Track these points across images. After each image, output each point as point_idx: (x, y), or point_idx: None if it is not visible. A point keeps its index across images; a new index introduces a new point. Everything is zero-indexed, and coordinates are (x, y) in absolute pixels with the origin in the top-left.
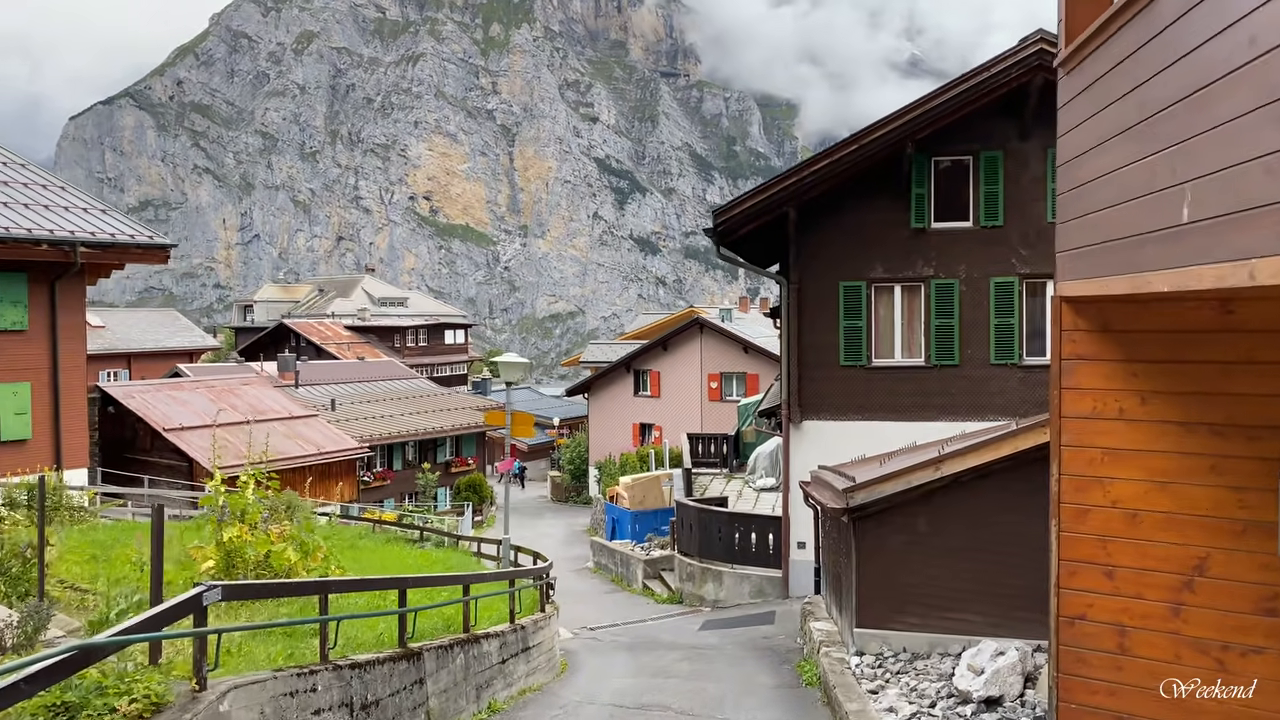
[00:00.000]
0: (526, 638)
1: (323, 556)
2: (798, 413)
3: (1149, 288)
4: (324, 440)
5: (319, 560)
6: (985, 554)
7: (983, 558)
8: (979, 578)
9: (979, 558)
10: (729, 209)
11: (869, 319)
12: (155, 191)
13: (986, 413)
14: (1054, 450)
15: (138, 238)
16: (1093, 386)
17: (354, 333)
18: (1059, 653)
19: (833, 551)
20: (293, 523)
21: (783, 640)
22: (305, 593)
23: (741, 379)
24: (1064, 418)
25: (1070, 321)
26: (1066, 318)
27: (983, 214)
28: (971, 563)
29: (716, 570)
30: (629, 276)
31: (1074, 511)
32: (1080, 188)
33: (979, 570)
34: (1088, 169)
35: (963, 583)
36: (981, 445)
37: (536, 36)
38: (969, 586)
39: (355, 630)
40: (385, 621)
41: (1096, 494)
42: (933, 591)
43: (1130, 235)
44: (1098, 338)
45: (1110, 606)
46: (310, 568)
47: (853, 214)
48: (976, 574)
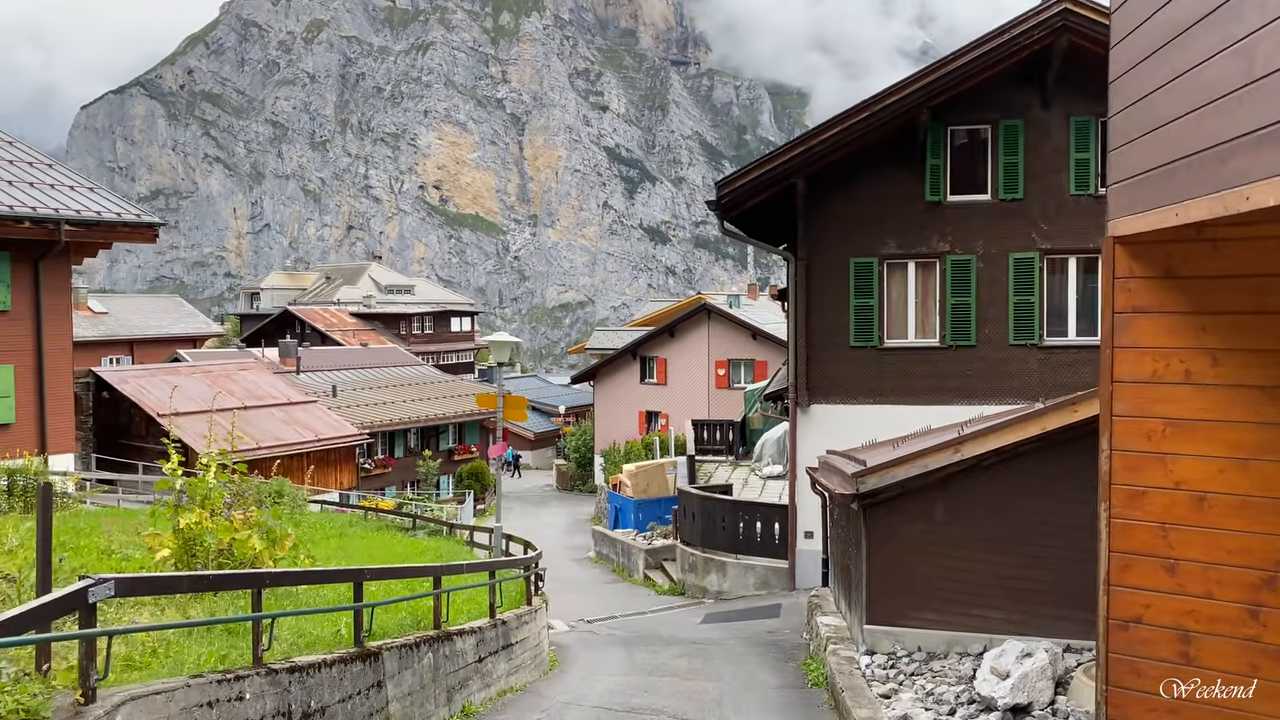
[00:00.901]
0: (508, 633)
1: (291, 545)
2: (805, 396)
3: (1243, 205)
4: (323, 426)
5: (287, 549)
6: (1008, 545)
7: (1006, 549)
8: (1001, 571)
9: (1001, 549)
10: (734, 180)
11: (881, 297)
12: (166, 180)
13: (1004, 396)
14: (1104, 421)
15: (125, 215)
16: (1153, 345)
17: (359, 320)
18: (1109, 661)
19: (841, 542)
20: (261, 509)
21: (788, 635)
22: (233, 586)
23: (750, 366)
24: (1117, 383)
25: (1125, 266)
26: (1121, 262)
27: (1001, 186)
28: (993, 554)
29: (720, 561)
30: (639, 266)
31: (1128, 494)
32: (1142, 100)
33: (1001, 562)
34: (1153, 75)
35: (983, 576)
36: (1005, 425)
37: (546, 25)
38: (990, 580)
39: (315, 627)
40: (349, 618)
41: (1156, 473)
42: (950, 585)
43: (1213, 145)
44: (1159, 286)
45: (1172, 607)
46: (278, 557)
47: (865, 186)
48: (999, 567)
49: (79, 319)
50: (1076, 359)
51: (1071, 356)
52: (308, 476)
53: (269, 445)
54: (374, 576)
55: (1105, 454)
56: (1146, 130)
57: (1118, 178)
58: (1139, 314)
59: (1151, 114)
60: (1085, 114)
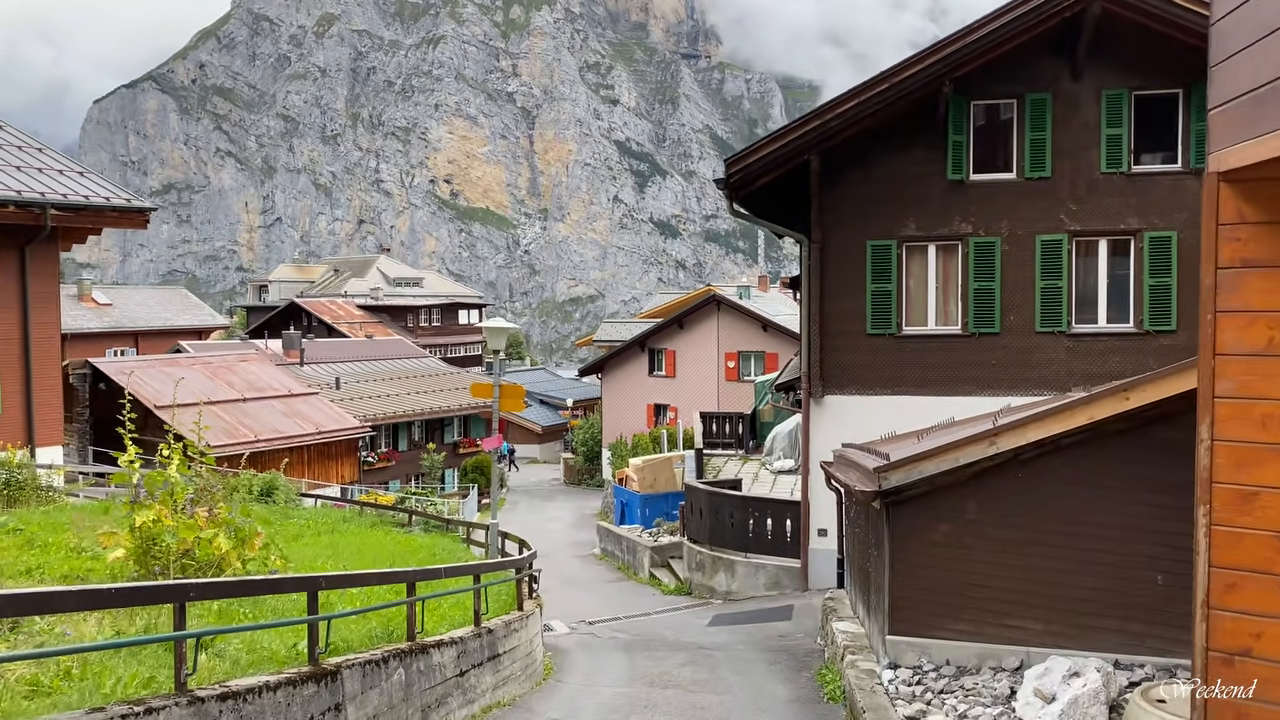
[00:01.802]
0: (495, 643)
1: (261, 545)
2: (819, 386)
3: None
4: (324, 419)
5: (256, 550)
6: (1050, 547)
7: (1045, 552)
8: (1041, 576)
9: (1041, 552)
10: (744, 156)
11: (899, 282)
12: (178, 175)
13: (1030, 386)
14: (1203, 405)
15: (114, 200)
16: (1268, 307)
17: (366, 312)
18: (1208, 707)
19: (860, 541)
20: (229, 505)
21: (801, 639)
22: (142, 601)
23: (760, 358)
24: (1221, 356)
25: (1233, 209)
26: (1227, 204)
27: (1028, 164)
28: (1031, 558)
29: (728, 559)
30: (649, 260)
31: (1235, 495)
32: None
33: (1040, 567)
34: None
35: (1020, 582)
36: (1047, 415)
37: (557, 18)
38: (1027, 587)
39: (275, 641)
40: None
41: (1272, 469)
42: (983, 592)
43: None
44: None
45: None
46: (247, 558)
47: (882, 164)
48: (1037, 572)
49: (83, 310)
50: (1107, 348)
51: (1102, 345)
52: (307, 470)
53: (268, 438)
54: (332, 585)
55: (1205, 445)
56: (1265, 32)
57: (1223, 98)
58: (1251, 269)
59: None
60: (1117, 87)
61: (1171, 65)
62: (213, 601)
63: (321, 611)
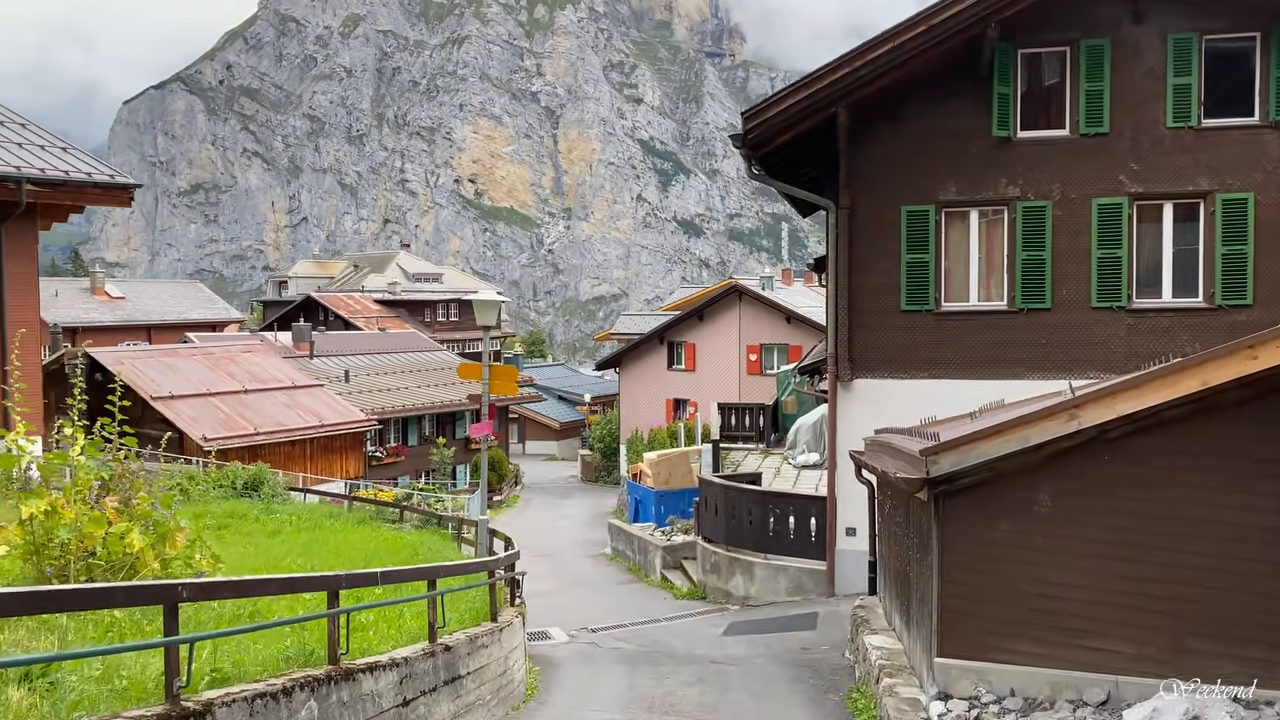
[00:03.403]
0: (454, 662)
1: (185, 543)
2: (847, 369)
3: None
4: (328, 411)
5: (178, 548)
6: (1145, 549)
7: (1139, 556)
8: (1134, 586)
9: (1134, 555)
10: (764, 109)
11: (938, 252)
12: (206, 175)
13: (1085, 368)
14: None
15: (95, 176)
16: None
17: (384, 307)
18: None
19: (897, 541)
20: (148, 495)
21: (826, 652)
22: None
23: (783, 351)
24: None
25: None
26: None
27: (1083, 119)
28: (1122, 562)
29: (746, 561)
30: (672, 259)
31: None
32: None
33: (1134, 574)
34: None
35: (1107, 593)
36: (1144, 380)
37: (581, 18)
38: (1117, 599)
39: (148, 665)
40: (232, 645)
41: None
42: (1057, 605)
43: None
44: None
45: None
46: (167, 558)
47: (918, 119)
48: (1130, 580)
49: (96, 304)
50: (1172, 325)
51: (1166, 321)
52: (309, 464)
53: (268, 430)
54: (197, 596)
55: None
56: None
57: None
58: None
59: None
60: (1185, 31)
61: (1246, 6)
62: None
63: (208, 628)
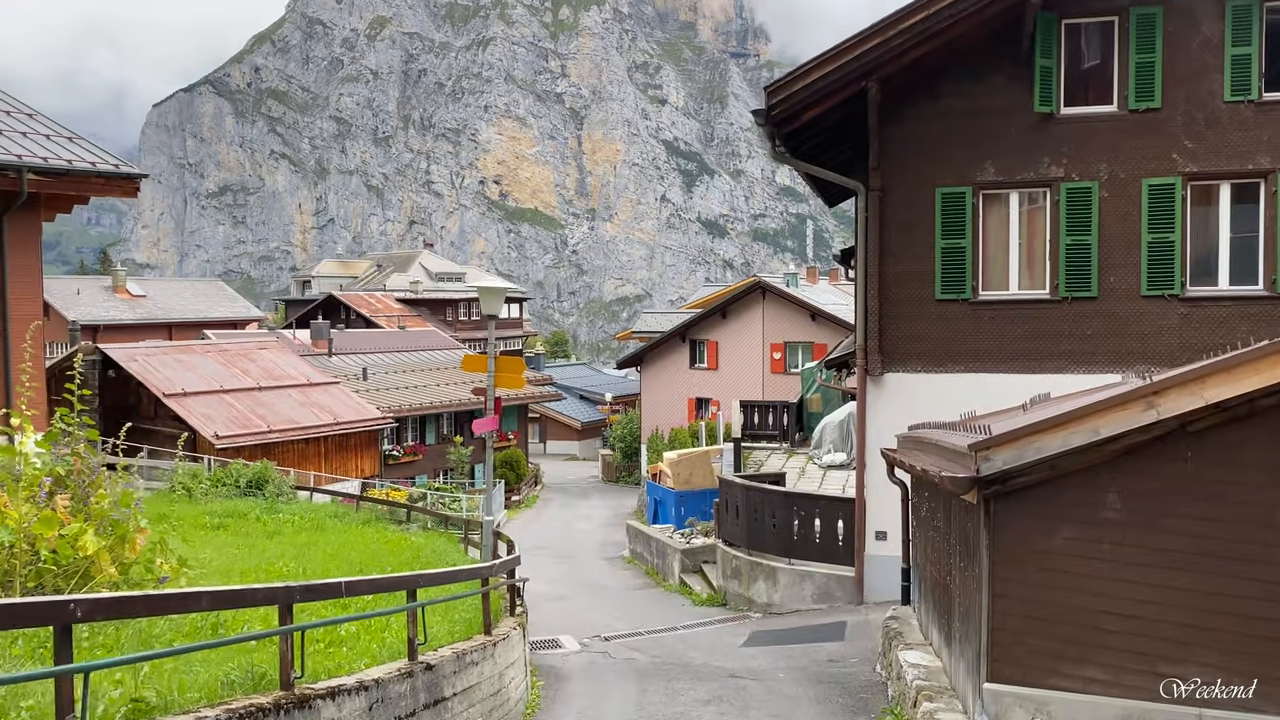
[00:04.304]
0: (437, 683)
1: (145, 544)
2: (878, 362)
3: None
4: (343, 409)
5: (137, 551)
6: (1237, 562)
7: (1232, 568)
8: (1222, 605)
9: (1224, 568)
10: (789, 83)
11: (975, 237)
12: (234, 177)
13: (1134, 361)
14: None
15: (100, 165)
16: None
17: (405, 305)
18: None
19: (935, 548)
20: (106, 493)
21: (856, 666)
22: None
23: (808, 349)
24: None
25: None
26: None
27: (1133, 93)
28: (1208, 576)
29: (769, 566)
30: (696, 259)
31: None
32: None
33: (1223, 591)
34: None
35: (1190, 612)
36: (1238, 361)
37: (605, 19)
38: (1202, 620)
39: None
40: (176, 666)
41: None
42: (1130, 625)
43: None
44: None
45: None
46: (126, 562)
47: (955, 95)
48: (1217, 597)
49: (117, 302)
50: (1230, 315)
51: (1224, 311)
52: (324, 462)
53: (281, 428)
54: (96, 615)
55: None
56: None
57: None
58: None
59: None
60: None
61: None
62: None
63: (163, 642)
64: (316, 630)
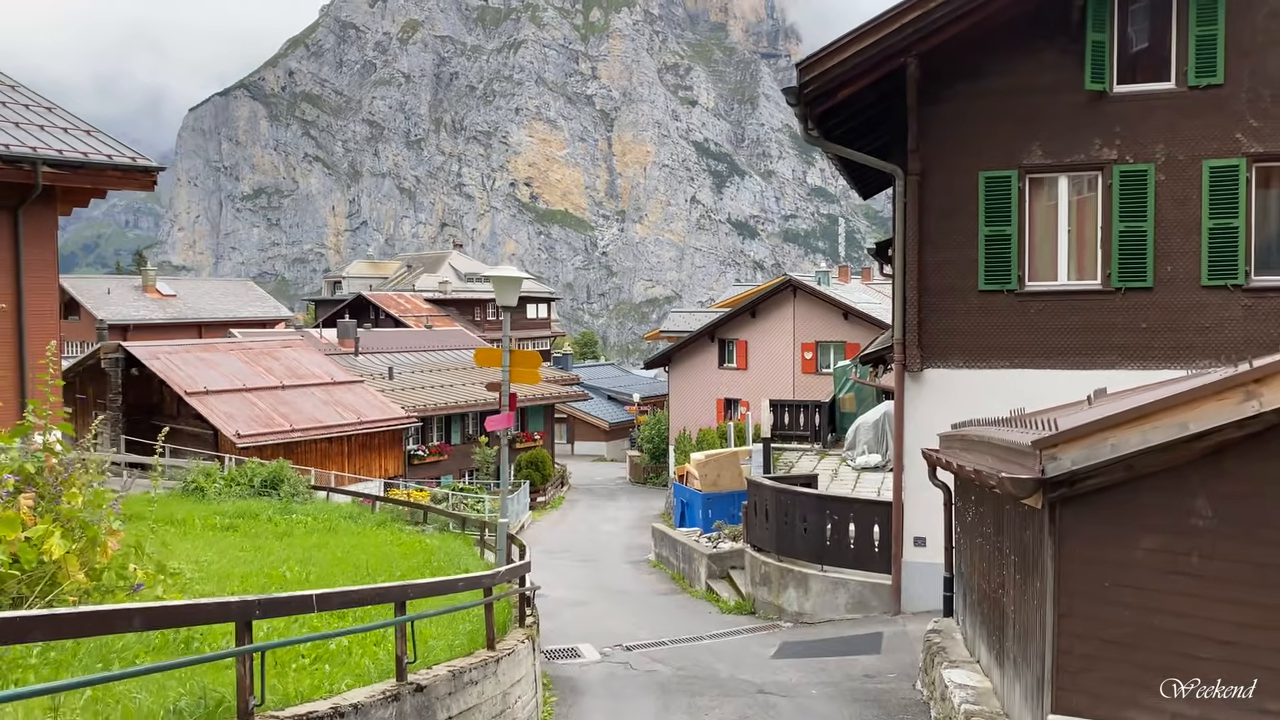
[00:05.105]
0: (429, 706)
1: (118, 548)
2: (917, 357)
3: None
4: (367, 408)
5: (109, 555)
6: None
7: None
8: None
9: None
10: (822, 59)
11: (1021, 224)
12: (268, 179)
13: (1194, 356)
14: None
15: (116, 158)
16: None
17: (434, 305)
18: None
19: (985, 557)
20: (80, 493)
21: (894, 682)
22: None
23: (840, 349)
24: None
25: None
26: None
27: (1192, 68)
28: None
29: (800, 572)
30: (726, 261)
31: None
32: None
33: None
34: None
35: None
36: None
37: (636, 20)
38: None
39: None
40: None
41: None
42: (1225, 652)
43: None
44: None
45: None
46: (96, 567)
47: (999, 73)
48: None
49: (147, 301)
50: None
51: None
52: (347, 462)
53: (304, 427)
54: None
55: None
56: None
57: None
58: None
59: None
60: None
61: None
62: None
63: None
64: (303, 645)
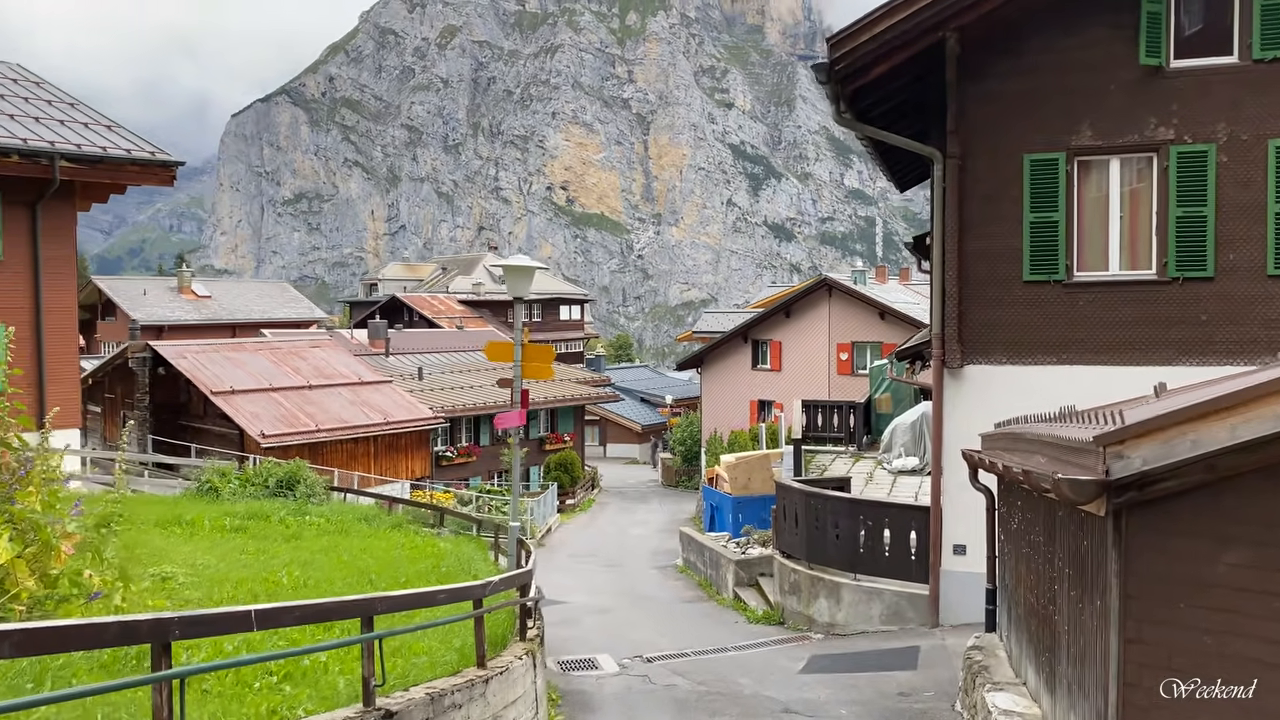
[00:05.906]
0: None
1: (71, 552)
2: (957, 353)
3: None
4: (394, 408)
5: (63, 561)
6: None
7: None
8: None
9: None
10: (854, 34)
11: (1069, 210)
12: (309, 184)
13: (1257, 351)
14: None
15: (135, 153)
16: None
17: (467, 307)
18: None
19: (1033, 569)
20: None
21: (931, 701)
22: None
23: (876, 349)
24: None
25: None
26: None
27: (1257, 41)
28: None
29: (832, 581)
30: (762, 264)
31: None
32: None
33: None
34: None
35: None
36: None
37: (672, 23)
38: None
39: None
40: None
41: None
42: None
43: None
44: None
45: None
46: (49, 572)
47: (1045, 48)
48: None
49: (182, 302)
50: None
51: None
52: (373, 463)
53: (330, 427)
54: None
55: None
56: None
57: None
58: None
59: None
60: None
61: None
62: None
63: None
64: (271, 664)
